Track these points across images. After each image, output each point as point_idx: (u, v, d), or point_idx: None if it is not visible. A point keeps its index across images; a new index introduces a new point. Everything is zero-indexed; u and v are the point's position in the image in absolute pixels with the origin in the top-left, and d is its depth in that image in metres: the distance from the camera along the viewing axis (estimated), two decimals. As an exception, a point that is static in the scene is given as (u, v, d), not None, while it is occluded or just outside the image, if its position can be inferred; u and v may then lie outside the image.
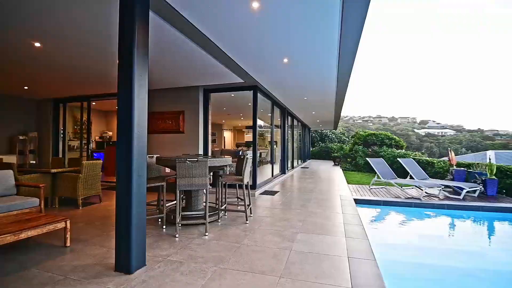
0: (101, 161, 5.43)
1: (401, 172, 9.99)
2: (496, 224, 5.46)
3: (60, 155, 8.42)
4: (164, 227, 3.88)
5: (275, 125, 9.71)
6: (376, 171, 8.22)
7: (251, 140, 7.29)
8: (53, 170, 4.97)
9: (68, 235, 3.07)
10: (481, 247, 4.48)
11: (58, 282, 2.31)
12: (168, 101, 7.00)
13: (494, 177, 7.29)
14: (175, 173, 4.75)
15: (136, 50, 2.47)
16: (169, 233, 3.64)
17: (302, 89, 7.34)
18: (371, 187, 8.26)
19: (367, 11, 3.13)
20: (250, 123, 17.82)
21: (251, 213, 4.62)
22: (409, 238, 4.81)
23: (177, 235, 3.51)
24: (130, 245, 2.43)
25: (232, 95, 7.95)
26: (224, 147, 19.40)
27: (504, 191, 7.49)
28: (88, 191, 5.11)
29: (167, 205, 4.43)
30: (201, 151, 6.88)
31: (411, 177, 8.10)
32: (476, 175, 7.70)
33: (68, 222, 3.07)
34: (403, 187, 7.98)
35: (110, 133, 11.09)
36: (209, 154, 7.15)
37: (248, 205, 4.45)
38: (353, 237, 3.57)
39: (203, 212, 4.19)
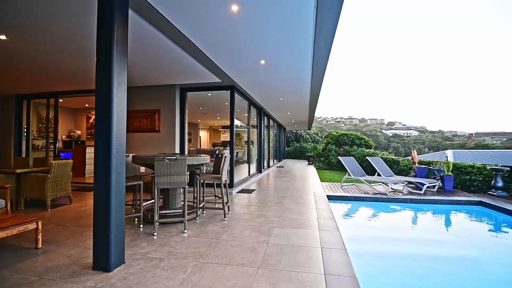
0: (71, 161, 5.21)
1: (370, 170, 10.62)
2: (452, 215, 6.04)
3: (23, 155, 7.89)
4: (141, 226, 3.85)
5: (251, 125, 9.85)
6: (347, 169, 8.67)
7: (228, 139, 7.37)
8: (18, 170, 4.69)
9: (39, 237, 2.96)
10: (439, 235, 4.95)
11: (32, 283, 2.25)
12: (144, 99, 6.87)
13: (450, 173, 8.02)
14: (151, 172, 4.73)
15: (115, 48, 2.47)
16: (146, 232, 3.63)
17: (278, 90, 7.55)
18: (342, 184, 8.70)
19: (338, 19, 3.38)
20: (227, 122, 17.78)
21: (229, 211, 4.71)
22: (376, 230, 5.19)
23: (155, 234, 3.51)
24: (109, 242, 2.42)
25: (209, 94, 7.97)
26: (200, 147, 19.21)
27: (459, 186, 8.27)
28: (58, 192, 4.89)
29: (143, 204, 4.38)
30: (177, 150, 6.83)
31: (379, 174, 8.66)
32: (435, 172, 8.42)
33: (39, 223, 2.96)
34: (371, 184, 8.50)
35: (79, 132, 10.56)
36: (186, 153, 7.12)
37: (226, 203, 4.53)
38: (326, 230, 3.81)
39: (181, 210, 4.22)
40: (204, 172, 6.61)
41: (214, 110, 12.14)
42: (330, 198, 6.64)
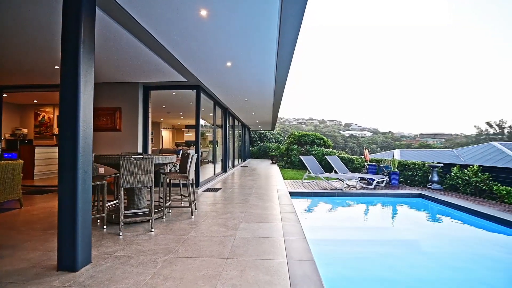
0: (21, 162, 4.83)
1: (328, 168, 11.39)
2: (397, 206, 6.83)
3: (-43, 156, 7.00)
4: (105, 227, 3.77)
5: (217, 125, 9.93)
6: (308, 167, 9.22)
7: (191, 139, 7.41)
8: (-44, 172, 4.23)
9: (-8, 241, 2.78)
10: (386, 223, 5.60)
11: (-11, 287, 2.15)
12: (103, 97, 6.57)
13: (396, 170, 9.01)
14: (113, 172, 4.62)
15: (82, 45, 2.46)
16: (111, 232, 3.57)
17: (244, 91, 7.77)
18: (303, 182, 9.23)
19: (300, 27, 3.68)
20: (191, 122, 17.47)
21: (195, 209, 4.79)
22: (333, 221, 5.69)
23: (121, 233, 3.48)
24: (76, 241, 2.40)
25: (174, 93, 7.90)
26: (162, 146, 18.61)
27: (403, 180, 9.31)
28: (6, 195, 4.51)
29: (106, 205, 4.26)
30: (140, 150, 6.67)
31: (336, 172, 9.36)
32: (384, 169, 9.38)
33: (-9, 226, 2.78)
34: (329, 180, 9.16)
35: (25, 130, 9.62)
36: (149, 153, 6.97)
37: (193, 201, 4.61)
38: (288, 223, 4.12)
39: (147, 210, 4.21)
40: (168, 172, 6.56)
41: (178, 109, 11.94)
42: (292, 194, 7.06)
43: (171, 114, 13.41)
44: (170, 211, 4.75)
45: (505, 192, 6.53)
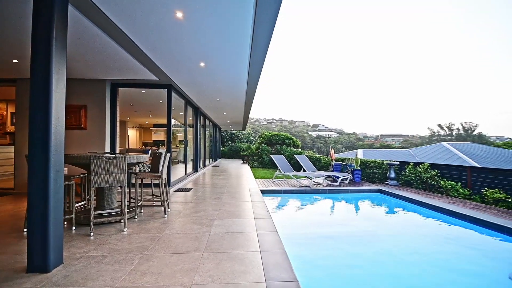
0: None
1: (297, 167, 11.85)
2: (360, 201, 7.39)
3: None
4: (73, 228, 3.65)
5: (187, 125, 9.85)
6: (278, 166, 9.55)
7: (160, 139, 7.32)
8: None
9: None
10: (350, 217, 6.06)
11: (-49, 293, 2.05)
12: (67, 94, 6.16)
13: (359, 168, 9.69)
14: (80, 173, 4.46)
15: (55, 42, 2.41)
16: (81, 233, 3.48)
17: (216, 91, 7.84)
18: (274, 180, 9.53)
19: (273, 30, 3.87)
20: (159, 121, 17.03)
21: (168, 208, 4.80)
22: (302, 216, 6.03)
23: (92, 234, 3.41)
24: (48, 242, 2.36)
25: (143, 91, 7.72)
26: (129, 146, 17.87)
27: (365, 177, 10.04)
28: (-45, 198, 4.13)
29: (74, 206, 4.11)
30: (107, 150, 6.44)
31: (304, 170, 9.81)
32: (348, 167, 10.03)
33: None
34: (298, 178, 9.57)
35: (-29, 128, 8.71)
36: (117, 152, 6.75)
37: (166, 200, 4.62)
38: (260, 218, 4.32)
39: (117, 210, 4.14)
40: (137, 172, 6.41)
41: (146, 108, 11.60)
42: (264, 192, 7.30)
43: (139, 112, 12.98)
44: (142, 211, 4.71)
45: (450, 186, 7.40)
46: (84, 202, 4.43)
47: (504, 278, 3.19)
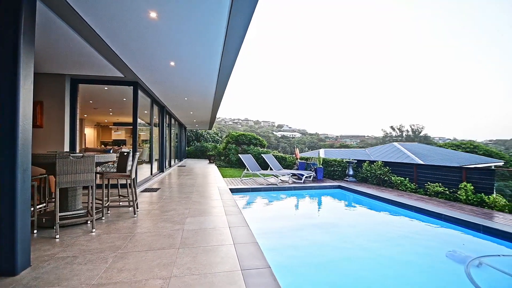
0: None
1: (264, 166, 12.20)
2: (322, 196, 7.93)
3: None
4: (35, 231, 3.45)
5: (152, 124, 9.60)
6: (246, 165, 9.77)
7: (121, 138, 7.08)
8: None
9: None
10: (313, 211, 6.50)
11: None
12: (19, 89, 5.74)
13: (321, 166, 10.33)
14: (39, 174, 4.21)
15: (22, 36, 2.33)
16: (45, 236, 3.33)
17: (185, 90, 7.79)
18: (242, 179, 9.73)
19: (245, 35, 4.04)
20: (120, 119, 16.22)
21: (137, 208, 4.72)
22: (270, 212, 6.32)
23: (57, 236, 3.27)
24: (15, 244, 2.27)
25: (106, 88, 7.39)
26: (85, 146, 16.68)
27: (327, 175, 10.71)
28: None
29: (32, 209, 3.87)
30: (67, 149, 6.07)
31: (271, 169, 10.17)
32: (311, 165, 10.62)
33: None
34: (265, 177, 9.89)
35: None
36: (77, 152, 6.39)
37: (135, 200, 4.55)
38: (231, 214, 4.48)
39: (82, 211, 4.00)
40: (102, 171, 6.14)
41: (107, 105, 11.03)
42: (233, 191, 7.46)
43: (98, 110, 12.26)
44: (109, 212, 4.58)
45: (399, 181, 8.29)
46: (44, 204, 4.18)
47: (442, 256, 3.77)
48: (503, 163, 19.69)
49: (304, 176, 9.14)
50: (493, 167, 7.38)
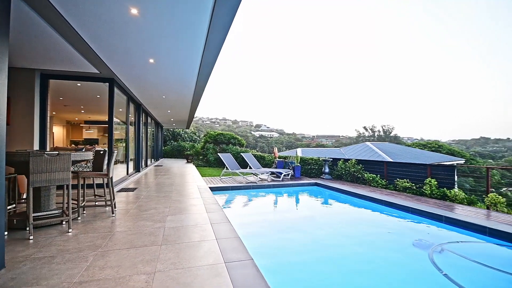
0: None
1: (243, 164, 12.30)
2: (300, 193, 8.18)
3: None
4: (6, 233, 3.28)
5: (127, 122, 9.33)
6: (225, 163, 9.81)
7: (93, 137, 6.88)
8: None
9: None
10: (291, 207, 6.71)
11: None
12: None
13: (299, 164, 10.63)
14: (8, 173, 3.99)
15: (-4, 29, 2.24)
16: (17, 238, 3.18)
17: (163, 88, 7.68)
18: (221, 178, 9.76)
19: (226, 35, 4.12)
20: (93, 117, 15.59)
21: (115, 207, 4.62)
22: (250, 209, 6.44)
23: (31, 237, 3.15)
24: (-11, 245, 2.19)
25: (79, 84, 7.09)
26: (53, 145, 15.75)
27: (304, 173, 11.04)
28: None
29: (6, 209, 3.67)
30: (36, 148, 5.77)
31: (250, 167, 10.29)
32: (289, 164, 10.89)
33: None
34: (244, 175, 10.00)
35: None
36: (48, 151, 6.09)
37: (113, 199, 4.46)
38: (212, 212, 4.54)
39: (56, 211, 3.86)
40: (77, 171, 5.91)
41: (79, 103, 10.53)
42: (213, 189, 7.49)
43: (69, 107, 11.68)
44: (85, 212, 4.44)
45: (371, 178, 8.76)
46: (14, 205, 3.97)
47: (409, 245, 4.10)
48: (463, 161, 21.39)
49: (283, 174, 9.37)
50: (455, 165, 8.04)
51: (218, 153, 10.91)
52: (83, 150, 10.06)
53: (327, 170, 10.25)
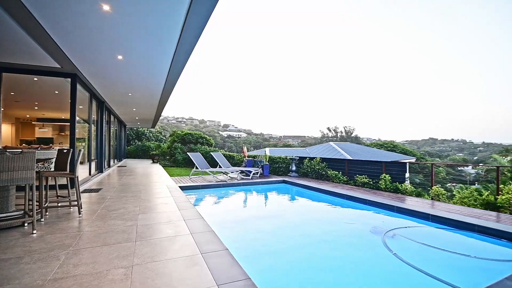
0: None
1: (212, 164, 12.33)
2: (269, 191, 8.50)
3: None
4: (-42, 237, 3.06)
5: (87, 120, 8.88)
6: (195, 163, 9.78)
7: (47, 136, 6.50)
8: None
9: None
10: (260, 203, 6.98)
11: None
12: None
13: (267, 163, 10.97)
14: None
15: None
16: (-27, 241, 2.98)
17: (130, 86, 7.46)
18: (191, 177, 9.71)
19: (199, 36, 4.21)
20: (47, 114, 14.59)
21: (81, 208, 4.46)
22: (221, 206, 6.58)
23: (-10, 240, 2.98)
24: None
25: (35, 79, 6.62)
26: (1, 145, 14.23)
27: (273, 171, 11.41)
28: None
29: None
30: (-14, 147, 5.30)
31: (220, 166, 10.38)
32: (258, 163, 11.19)
33: None
34: (214, 174, 10.06)
35: None
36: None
37: (80, 199, 4.30)
38: (185, 209, 4.61)
39: (16, 213, 3.66)
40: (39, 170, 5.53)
41: (33, 99, 9.74)
42: (183, 188, 7.47)
43: (21, 103, 10.71)
44: (47, 213, 4.23)
45: (334, 175, 9.39)
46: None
47: (367, 232, 4.58)
48: (415, 159, 23.62)
49: (252, 173, 9.62)
50: (405, 162, 9.00)
51: (187, 153, 10.83)
52: (38, 149, 9.31)
53: (294, 168, 10.73)
